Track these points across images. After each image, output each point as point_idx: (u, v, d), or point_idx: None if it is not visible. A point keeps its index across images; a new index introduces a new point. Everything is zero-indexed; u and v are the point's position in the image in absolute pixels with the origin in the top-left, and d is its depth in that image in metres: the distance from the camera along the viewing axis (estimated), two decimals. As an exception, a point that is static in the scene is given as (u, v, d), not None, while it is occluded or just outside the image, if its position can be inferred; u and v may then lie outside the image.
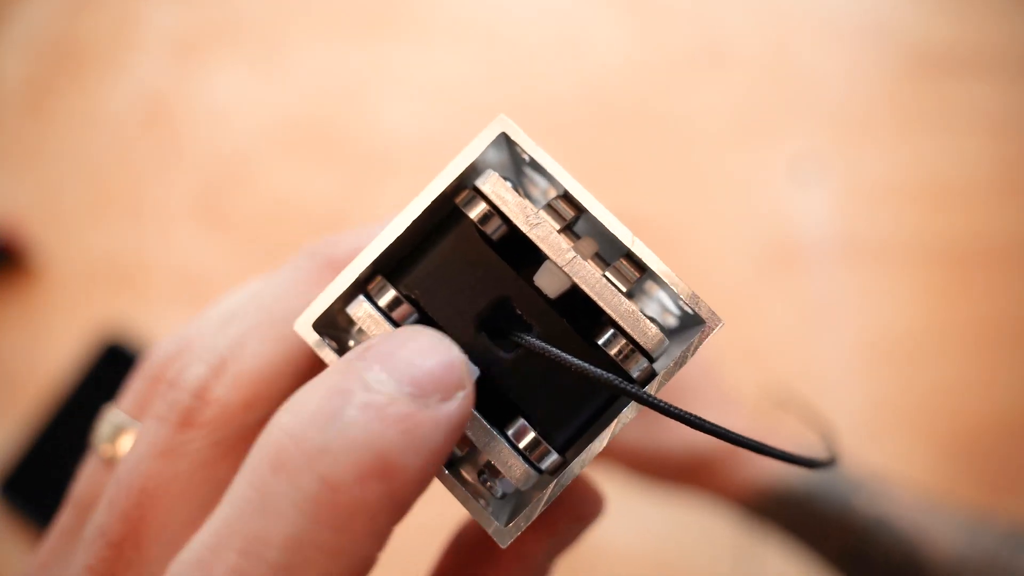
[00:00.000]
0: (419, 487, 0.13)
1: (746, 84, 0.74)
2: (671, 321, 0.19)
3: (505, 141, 0.16)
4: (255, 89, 0.76)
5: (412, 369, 0.13)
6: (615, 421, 0.16)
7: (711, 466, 0.43)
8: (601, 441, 0.16)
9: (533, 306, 0.16)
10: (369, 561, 0.13)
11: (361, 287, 0.16)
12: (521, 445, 0.16)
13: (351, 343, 0.17)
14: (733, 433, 0.15)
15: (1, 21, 0.77)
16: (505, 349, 0.16)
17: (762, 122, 0.73)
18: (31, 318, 0.70)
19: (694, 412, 0.48)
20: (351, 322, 0.17)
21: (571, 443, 0.16)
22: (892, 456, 0.66)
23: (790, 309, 0.69)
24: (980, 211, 0.70)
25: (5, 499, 0.66)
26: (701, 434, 0.45)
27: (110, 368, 0.68)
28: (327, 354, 0.16)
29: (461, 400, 0.14)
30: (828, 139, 0.72)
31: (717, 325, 0.16)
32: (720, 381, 0.47)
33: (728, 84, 0.74)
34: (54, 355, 0.69)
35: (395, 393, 0.13)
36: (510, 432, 0.16)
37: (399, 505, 0.13)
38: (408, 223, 0.16)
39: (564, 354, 0.15)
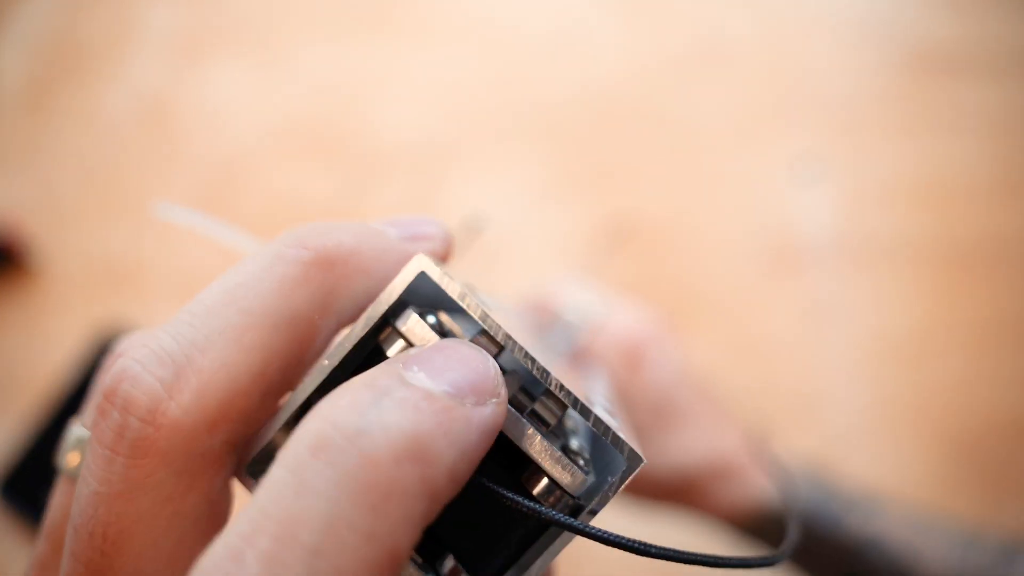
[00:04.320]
0: (451, 483, 0.13)
1: (747, 84, 0.74)
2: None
3: (426, 277, 0.16)
4: (254, 89, 0.75)
5: (449, 372, 0.14)
6: (546, 553, 0.16)
7: (700, 486, 0.44)
8: (533, 573, 0.16)
9: None
10: (399, 554, 0.12)
11: (290, 427, 0.16)
12: None
13: None
14: (685, 553, 0.15)
15: (1, 21, 0.77)
16: None
17: (763, 122, 0.73)
18: (31, 318, 0.70)
19: (688, 433, 0.47)
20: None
21: (501, 574, 0.16)
22: (893, 456, 0.65)
23: (792, 309, 0.69)
24: (981, 211, 0.70)
25: (4, 499, 0.65)
26: (689, 456, 0.45)
27: (110, 368, 0.68)
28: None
29: (494, 406, 0.14)
30: (829, 139, 0.72)
31: (639, 465, 0.16)
32: (711, 398, 0.47)
33: (729, 84, 0.74)
34: (54, 355, 0.69)
35: (432, 389, 0.13)
36: (443, 567, 0.16)
37: (432, 495, 0.13)
38: (335, 364, 0.16)
39: (497, 488, 0.15)
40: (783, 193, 0.71)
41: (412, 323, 0.16)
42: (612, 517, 0.66)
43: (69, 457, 0.17)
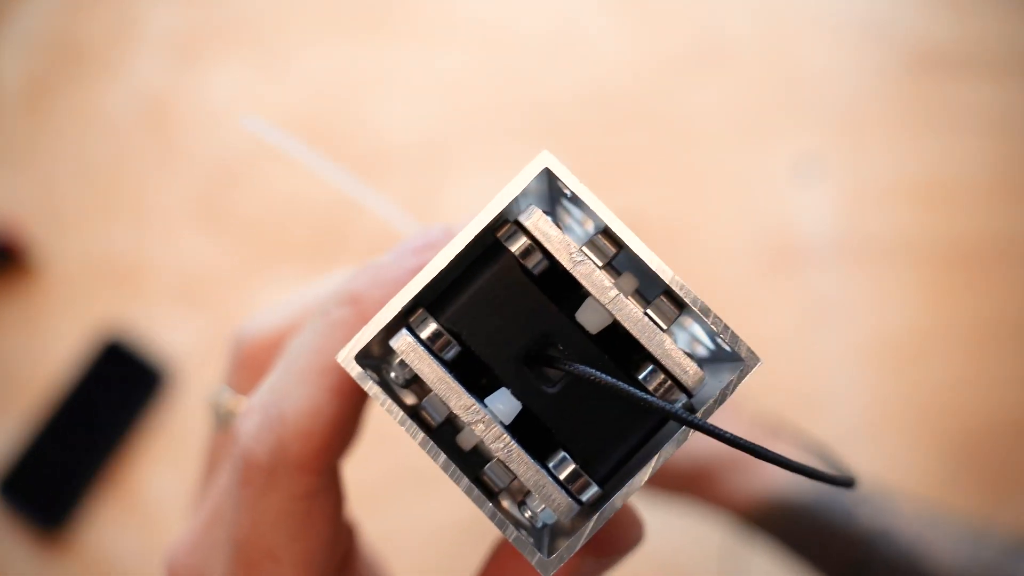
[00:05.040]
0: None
1: (747, 84, 0.74)
2: (701, 351, 0.19)
3: (546, 175, 0.17)
4: (254, 89, 0.75)
5: (403, 243, 0.19)
6: (656, 456, 0.16)
7: (712, 475, 0.43)
8: (643, 475, 0.16)
9: (575, 342, 0.16)
10: (346, 377, 0.17)
11: (403, 319, 0.16)
12: (562, 477, 0.16)
13: (392, 374, 0.17)
14: (812, 470, 0.16)
15: (1, 21, 0.77)
16: (547, 384, 0.16)
17: (763, 122, 0.73)
18: (31, 318, 0.70)
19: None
20: (392, 352, 0.17)
21: (611, 476, 0.17)
22: (894, 456, 0.65)
23: (792, 309, 0.69)
24: (981, 211, 0.70)
25: (4, 499, 0.65)
26: (703, 443, 0.45)
27: (110, 367, 0.68)
28: (370, 387, 0.16)
29: (423, 255, 0.18)
30: (829, 139, 0.72)
31: (756, 364, 0.16)
32: None
33: (729, 84, 0.74)
34: (54, 354, 0.69)
35: (384, 259, 0.18)
36: (551, 464, 0.16)
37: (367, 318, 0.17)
38: (452, 256, 0.16)
39: (615, 381, 0.15)
40: (783, 193, 0.71)
41: (537, 218, 0.16)
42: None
43: (217, 407, 0.22)
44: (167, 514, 0.66)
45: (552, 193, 0.18)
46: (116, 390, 0.68)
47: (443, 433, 0.17)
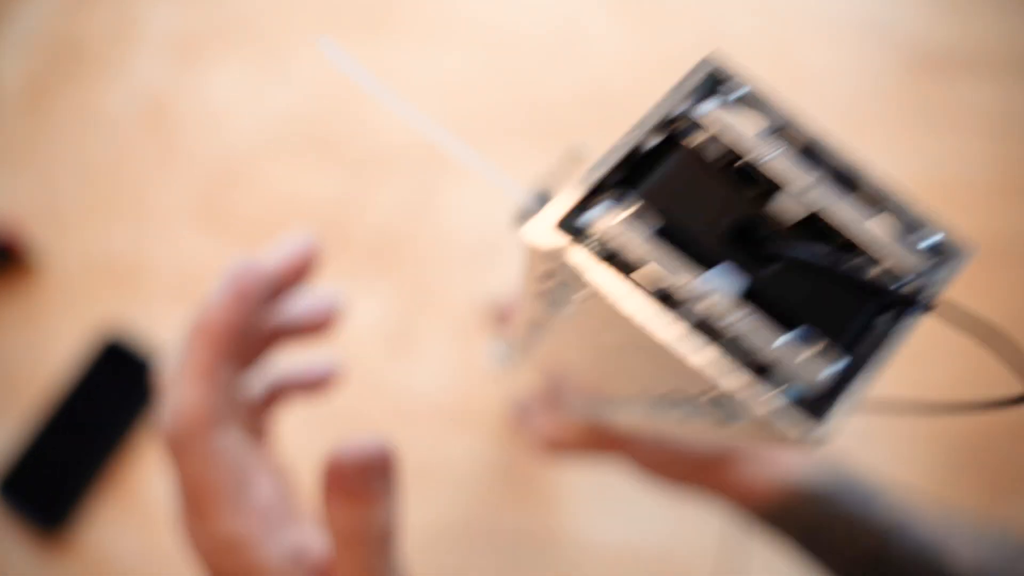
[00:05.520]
0: (231, 316, 0.23)
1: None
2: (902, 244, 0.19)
3: (711, 76, 0.16)
4: (254, 89, 0.75)
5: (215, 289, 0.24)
6: (892, 333, 0.15)
7: (727, 464, 0.43)
8: (884, 356, 0.15)
9: (778, 232, 0.16)
10: (210, 371, 0.23)
11: (599, 194, 0.16)
12: (807, 349, 0.15)
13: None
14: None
15: (1, 21, 0.77)
16: (754, 268, 0.16)
17: (763, 122, 0.73)
18: (31, 318, 0.70)
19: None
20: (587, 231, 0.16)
21: (854, 345, 0.15)
22: (894, 456, 0.65)
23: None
24: (981, 211, 0.70)
25: (4, 499, 0.65)
26: None
27: (110, 367, 0.68)
28: (579, 253, 0.15)
29: (281, 259, 0.26)
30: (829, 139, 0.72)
31: (967, 256, 0.16)
32: None
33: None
34: (54, 354, 0.69)
35: (233, 267, 0.24)
36: (789, 338, 0.15)
37: (214, 335, 0.24)
38: (633, 143, 0.16)
39: (840, 265, 0.15)
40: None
41: (715, 110, 0.16)
42: (609, 493, 0.66)
43: None
44: (167, 514, 0.66)
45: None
46: (116, 390, 0.68)
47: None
